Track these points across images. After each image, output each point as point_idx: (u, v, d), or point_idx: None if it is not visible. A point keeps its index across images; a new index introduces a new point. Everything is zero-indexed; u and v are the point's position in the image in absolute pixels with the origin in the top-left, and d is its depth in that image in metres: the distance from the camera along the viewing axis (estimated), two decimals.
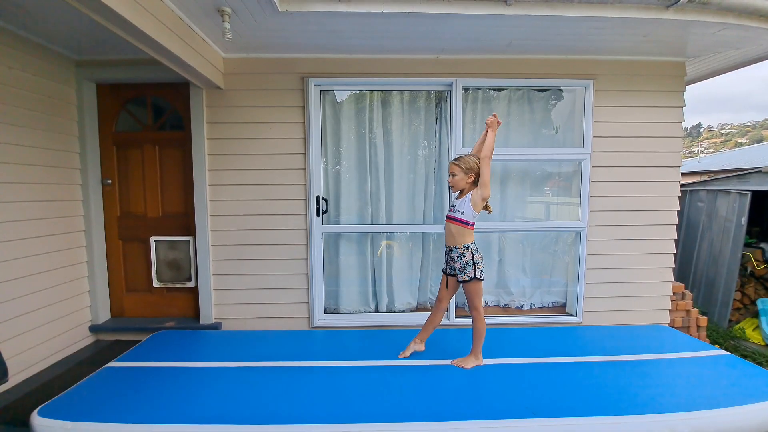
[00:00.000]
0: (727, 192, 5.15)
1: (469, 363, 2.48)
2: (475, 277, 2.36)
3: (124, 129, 3.33)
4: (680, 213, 3.50)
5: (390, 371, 2.45)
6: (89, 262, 3.22)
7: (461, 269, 2.39)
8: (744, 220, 4.74)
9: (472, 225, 2.41)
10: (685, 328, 3.93)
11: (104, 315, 3.33)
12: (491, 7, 2.42)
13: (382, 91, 3.36)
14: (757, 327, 4.70)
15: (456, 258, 2.41)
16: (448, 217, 2.48)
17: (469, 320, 2.47)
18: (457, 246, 2.41)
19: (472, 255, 2.37)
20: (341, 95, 3.40)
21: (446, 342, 2.86)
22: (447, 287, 2.54)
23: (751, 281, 5.13)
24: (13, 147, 2.57)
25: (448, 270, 2.51)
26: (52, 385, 2.51)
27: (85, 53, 3.04)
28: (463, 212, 2.40)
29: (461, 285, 2.45)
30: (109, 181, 3.29)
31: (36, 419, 1.91)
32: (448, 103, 3.28)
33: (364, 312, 3.51)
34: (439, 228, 3.38)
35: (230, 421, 1.92)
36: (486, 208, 2.42)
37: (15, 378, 2.53)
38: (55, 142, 2.92)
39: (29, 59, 2.70)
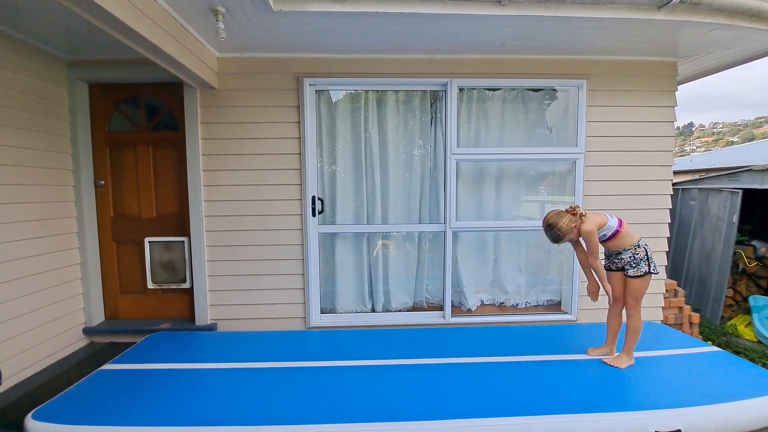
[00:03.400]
0: (719, 190, 5.21)
1: (623, 362, 2.48)
2: (649, 272, 2.35)
3: (117, 129, 3.30)
4: (672, 211, 3.54)
5: (387, 371, 2.45)
6: (83, 264, 3.19)
7: (634, 264, 2.37)
8: (735, 218, 4.79)
9: (617, 231, 2.36)
10: (678, 325, 3.97)
11: (98, 317, 3.30)
12: (485, 7, 2.43)
13: (377, 90, 3.37)
14: (749, 323, 4.77)
15: (627, 259, 2.40)
16: (602, 242, 2.44)
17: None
18: (627, 248, 2.40)
19: (645, 251, 2.36)
20: (336, 95, 3.39)
21: (441, 341, 2.88)
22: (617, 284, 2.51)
23: (742, 278, 5.20)
24: (3, 148, 2.54)
25: (613, 267, 2.50)
26: (46, 388, 2.48)
27: (77, 53, 3.01)
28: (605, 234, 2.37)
29: (629, 280, 2.43)
30: (102, 183, 3.27)
31: (30, 423, 1.89)
32: (443, 102, 3.29)
33: (361, 312, 3.51)
34: (435, 227, 3.39)
35: (226, 423, 1.91)
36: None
37: (8, 381, 2.51)
38: (47, 143, 2.89)
39: (20, 59, 2.67)
